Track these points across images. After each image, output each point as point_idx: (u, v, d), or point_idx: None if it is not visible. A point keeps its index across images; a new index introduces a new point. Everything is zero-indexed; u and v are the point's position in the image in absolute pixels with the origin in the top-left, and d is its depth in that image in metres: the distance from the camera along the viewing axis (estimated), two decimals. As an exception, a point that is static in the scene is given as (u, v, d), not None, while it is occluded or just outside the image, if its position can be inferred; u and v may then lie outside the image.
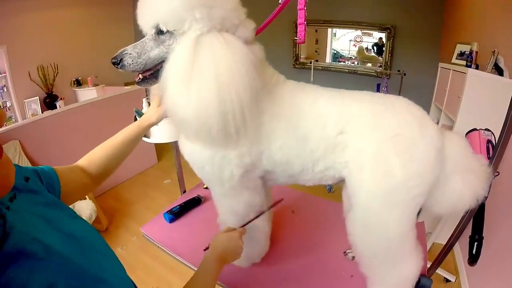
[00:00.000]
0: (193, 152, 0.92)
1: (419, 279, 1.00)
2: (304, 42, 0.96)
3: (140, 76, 0.85)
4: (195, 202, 1.53)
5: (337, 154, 0.86)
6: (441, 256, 1.01)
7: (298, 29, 0.93)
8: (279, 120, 0.86)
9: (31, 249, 0.47)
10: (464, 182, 0.84)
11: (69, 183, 0.76)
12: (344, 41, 5.18)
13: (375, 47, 4.85)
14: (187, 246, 1.24)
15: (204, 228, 1.33)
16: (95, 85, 4.71)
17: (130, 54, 0.79)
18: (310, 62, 3.68)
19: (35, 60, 4.40)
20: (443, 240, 2.51)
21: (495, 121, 1.86)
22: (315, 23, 4.91)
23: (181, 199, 1.55)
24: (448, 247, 0.99)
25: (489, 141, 1.72)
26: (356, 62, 5.12)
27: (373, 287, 0.98)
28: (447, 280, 2.23)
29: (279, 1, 0.93)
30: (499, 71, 2.03)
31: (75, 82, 4.78)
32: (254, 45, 0.84)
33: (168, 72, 0.74)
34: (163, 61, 0.79)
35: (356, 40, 5.05)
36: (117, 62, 0.79)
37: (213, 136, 0.75)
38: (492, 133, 1.78)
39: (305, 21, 0.92)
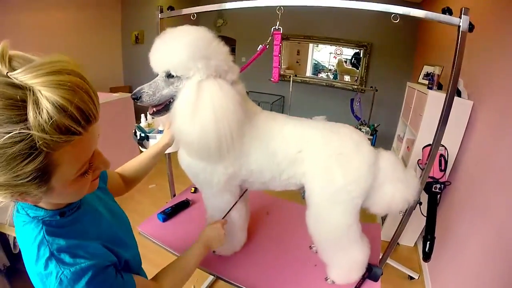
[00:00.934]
0: (190, 164, 1.16)
1: (372, 268, 1.23)
2: (278, 82, 1.19)
3: (154, 109, 1.05)
4: (184, 205, 1.71)
5: (297, 166, 1.12)
6: (388, 249, 1.25)
7: (273, 71, 1.17)
8: (255, 141, 1.10)
9: (92, 213, 0.75)
10: (395, 189, 1.10)
11: (112, 181, 0.99)
12: (325, 53, 5.43)
13: (353, 59, 5.09)
14: (179, 241, 1.42)
15: (192, 226, 1.52)
16: (83, 89, 4.72)
17: (147, 92, 0.99)
18: (289, 77, 3.92)
19: (23, 61, 4.40)
20: (406, 241, 2.77)
21: (450, 137, 2.11)
22: (296, 37, 5.16)
23: (171, 202, 1.73)
24: (392, 243, 1.24)
25: (441, 155, 1.97)
26: (335, 74, 5.35)
27: (331, 270, 1.22)
28: (411, 278, 2.43)
29: (258, 49, 1.19)
30: (457, 92, 2.30)
31: (62, 85, 4.77)
32: (239, 84, 1.07)
33: (177, 108, 0.96)
34: (172, 97, 1.01)
35: (336, 53, 5.32)
36: (137, 98, 1.00)
37: (211, 154, 0.99)
38: (445, 148, 2.03)
39: (279, 65, 1.16)
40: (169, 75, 0.98)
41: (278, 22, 1.16)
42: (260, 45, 1.20)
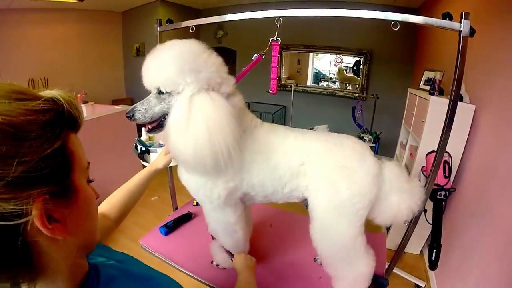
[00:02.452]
0: (189, 179, 1.14)
1: (377, 279, 1.20)
2: (276, 94, 1.18)
3: (149, 126, 1.04)
4: (186, 218, 1.69)
5: (300, 179, 1.10)
6: (393, 259, 1.23)
7: (271, 82, 1.16)
8: (257, 154, 1.08)
9: (110, 273, 0.64)
10: (400, 199, 1.08)
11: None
12: (325, 62, 5.44)
13: (354, 67, 5.12)
14: (181, 255, 1.40)
15: (195, 240, 1.51)
16: (85, 102, 4.70)
17: (139, 110, 0.99)
18: (290, 86, 3.93)
19: (26, 73, 4.42)
20: (412, 249, 2.73)
21: (453, 142, 2.09)
22: (296, 47, 5.18)
23: (174, 215, 1.71)
24: (398, 252, 1.22)
25: (445, 161, 1.95)
26: (336, 83, 5.36)
27: (337, 283, 1.19)
28: (418, 286, 2.39)
29: (252, 58, 1.18)
30: (459, 97, 2.29)
31: (64, 97, 4.79)
32: (236, 96, 1.05)
33: (170, 125, 0.95)
34: (165, 114, 1.00)
35: (336, 61, 5.33)
36: (130, 116, 1.00)
37: (208, 170, 0.97)
38: (449, 154, 2.01)
39: (277, 76, 1.15)
40: (160, 92, 0.97)
41: (276, 33, 1.16)
42: (256, 54, 1.19)
